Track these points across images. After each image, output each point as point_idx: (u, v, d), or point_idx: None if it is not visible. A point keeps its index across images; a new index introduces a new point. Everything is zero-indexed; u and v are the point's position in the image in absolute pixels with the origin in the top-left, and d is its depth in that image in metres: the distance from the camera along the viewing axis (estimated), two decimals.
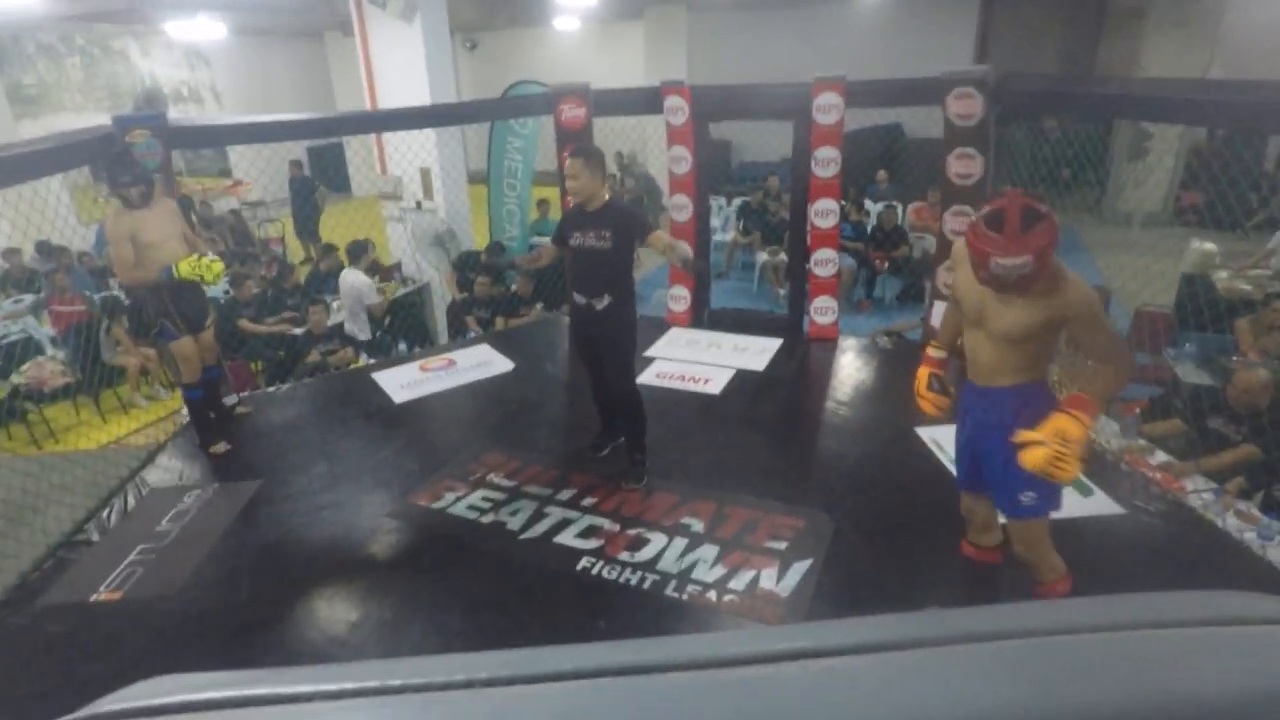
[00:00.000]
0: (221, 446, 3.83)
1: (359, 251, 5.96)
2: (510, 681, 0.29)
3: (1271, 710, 0.27)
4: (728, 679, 0.30)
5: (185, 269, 3.49)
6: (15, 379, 5.45)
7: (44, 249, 7.16)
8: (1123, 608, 0.33)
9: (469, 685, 0.29)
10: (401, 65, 6.40)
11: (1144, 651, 0.30)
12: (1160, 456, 3.52)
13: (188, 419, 4.29)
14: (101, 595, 2.85)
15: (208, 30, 10.49)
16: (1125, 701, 0.27)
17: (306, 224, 9.45)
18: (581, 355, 3.46)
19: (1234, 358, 4.27)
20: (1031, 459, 1.98)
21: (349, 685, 0.29)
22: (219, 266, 3.63)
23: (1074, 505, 3.14)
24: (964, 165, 4.30)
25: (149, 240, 3.46)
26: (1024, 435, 2.02)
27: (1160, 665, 0.30)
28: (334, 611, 2.78)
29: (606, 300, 3.15)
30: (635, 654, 0.30)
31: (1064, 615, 0.33)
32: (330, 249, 6.94)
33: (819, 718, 0.27)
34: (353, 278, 5.79)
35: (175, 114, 8.76)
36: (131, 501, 3.49)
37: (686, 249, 3.04)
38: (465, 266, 6.51)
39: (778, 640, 0.31)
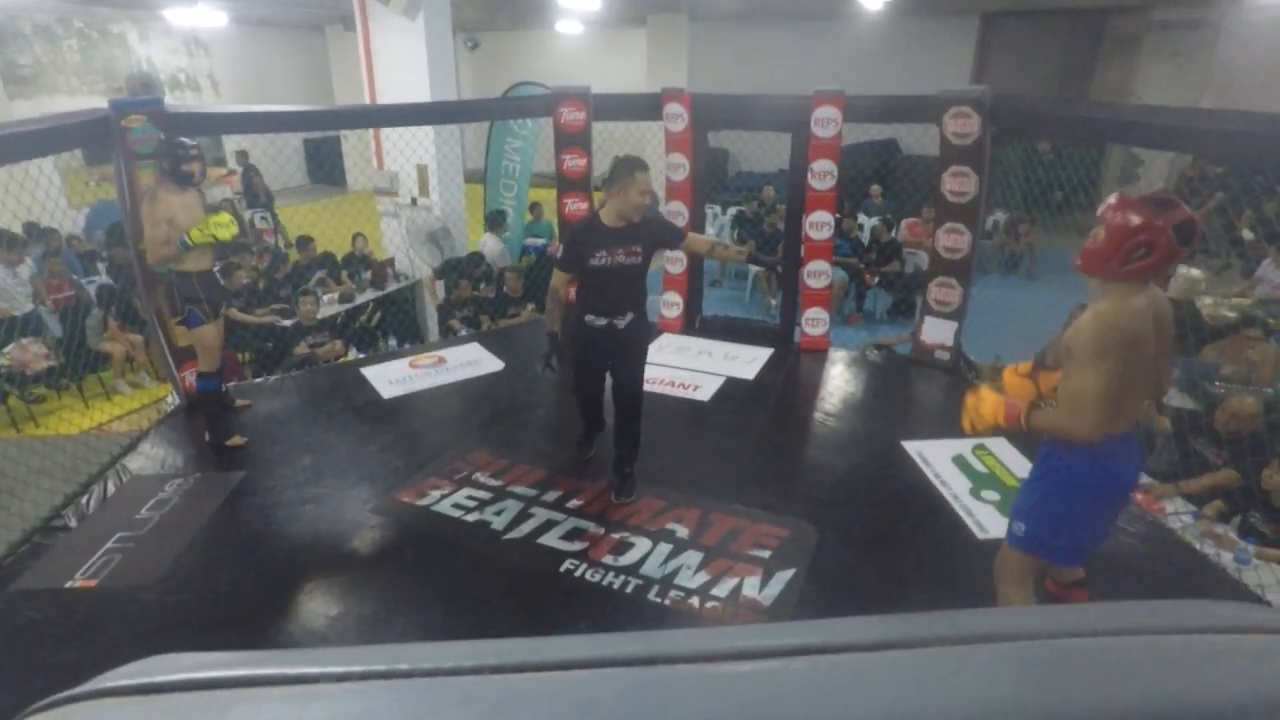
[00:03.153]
0: (238, 439, 3.76)
1: (499, 219, 6.91)
2: (520, 669, 0.29)
3: (1267, 719, 0.28)
4: (738, 672, 0.30)
5: (196, 236, 3.44)
6: None
7: (32, 230, 7.08)
8: (1126, 614, 0.34)
9: (478, 671, 0.29)
10: (402, 62, 6.39)
11: (1146, 656, 0.31)
12: (1142, 478, 3.56)
13: (172, 406, 4.26)
14: (77, 582, 2.81)
15: (208, 18, 10.44)
16: (1127, 704, 0.28)
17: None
18: (585, 370, 3.30)
19: (1216, 383, 4.32)
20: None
21: (356, 668, 0.29)
22: (225, 218, 3.54)
23: None
24: (959, 183, 4.35)
25: (185, 224, 3.45)
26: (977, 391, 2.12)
27: (1161, 670, 0.30)
28: (314, 606, 2.76)
29: (629, 317, 3.05)
30: (646, 645, 0.31)
31: (1070, 619, 0.33)
32: (308, 241, 6.91)
33: (828, 712, 0.28)
34: (492, 243, 6.82)
35: (172, 100, 8.70)
36: (112, 488, 3.45)
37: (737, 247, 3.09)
38: (448, 273, 6.50)
39: (789, 635, 0.31)
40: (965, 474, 3.51)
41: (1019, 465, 3.55)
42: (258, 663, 0.30)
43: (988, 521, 3.16)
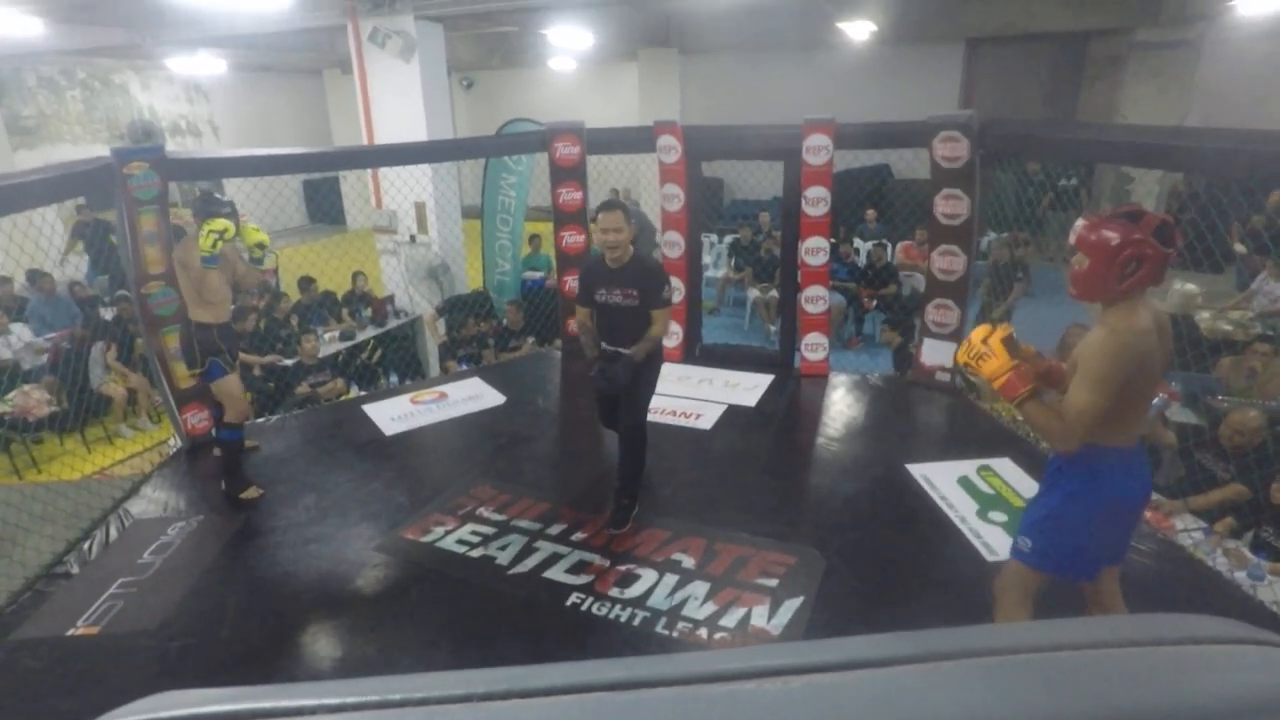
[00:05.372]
0: (253, 492, 3.67)
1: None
2: (506, 696, 0.30)
3: None
4: (714, 695, 0.30)
5: (206, 244, 3.35)
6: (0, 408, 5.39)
7: (34, 277, 7.13)
8: (1111, 627, 0.34)
9: (467, 699, 0.30)
10: (399, 102, 6.51)
11: (1132, 669, 0.31)
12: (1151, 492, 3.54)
13: (174, 449, 4.26)
14: (79, 630, 2.78)
15: (209, 66, 10.67)
16: (1114, 715, 0.28)
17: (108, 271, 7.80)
18: (603, 403, 3.46)
19: (1219, 397, 4.32)
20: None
21: (351, 699, 0.30)
22: (243, 234, 3.53)
23: None
24: (951, 205, 4.39)
25: (214, 278, 3.48)
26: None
27: (1147, 682, 0.31)
28: (319, 648, 2.73)
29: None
30: (626, 670, 0.31)
31: (1055, 634, 0.34)
32: (310, 281, 6.96)
33: None
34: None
35: (173, 146, 8.82)
36: (114, 533, 3.43)
37: (644, 351, 3.11)
38: (452, 310, 6.55)
39: (762, 657, 0.32)
40: (971, 495, 3.49)
41: (1025, 485, 3.53)
42: (257, 696, 0.30)
43: (996, 543, 3.13)
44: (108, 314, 6.96)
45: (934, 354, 4.72)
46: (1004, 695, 0.29)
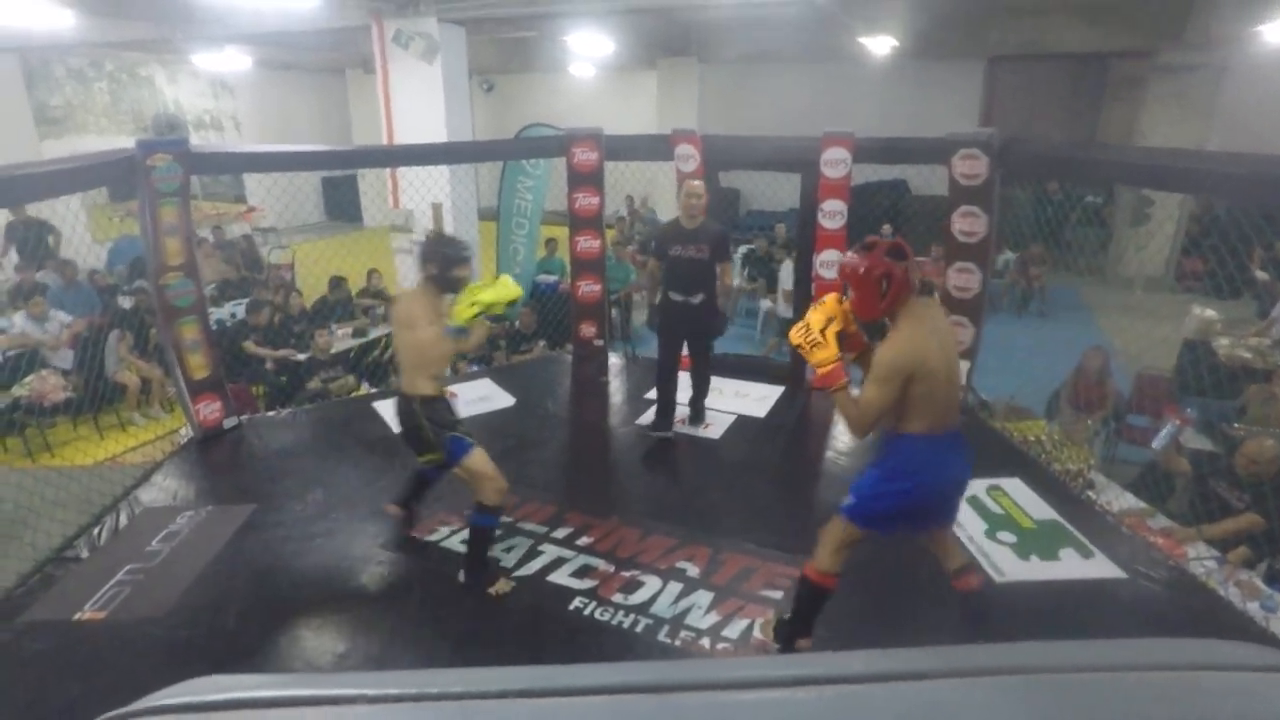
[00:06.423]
0: (505, 585, 2.96)
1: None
2: (544, 694, 0.30)
3: None
4: (744, 701, 0.30)
5: (466, 314, 2.87)
6: (16, 391, 5.45)
7: (56, 263, 7.21)
8: (1128, 650, 0.34)
9: (503, 696, 0.30)
10: (420, 103, 6.57)
11: (1148, 691, 0.31)
12: (1162, 521, 3.50)
13: (185, 438, 4.28)
14: (86, 614, 2.80)
15: (234, 62, 10.80)
16: None
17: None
18: (669, 343, 4.13)
19: (1235, 425, 4.27)
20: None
21: (390, 691, 0.30)
22: (506, 279, 3.12)
23: (1075, 567, 3.11)
24: (968, 223, 4.38)
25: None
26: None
27: (1162, 705, 0.30)
28: (322, 643, 2.73)
29: (701, 296, 3.94)
30: (661, 673, 0.31)
31: (1071, 654, 0.34)
32: (341, 280, 7.01)
33: None
34: (786, 270, 7.24)
35: (196, 140, 8.90)
36: (124, 520, 3.46)
37: (729, 304, 3.87)
38: None
39: (795, 666, 0.32)
40: (980, 515, 3.46)
41: (1035, 506, 3.50)
42: (297, 684, 0.30)
43: (1004, 563, 3.10)
44: (126, 303, 7.04)
45: None
46: (1034, 713, 0.29)
